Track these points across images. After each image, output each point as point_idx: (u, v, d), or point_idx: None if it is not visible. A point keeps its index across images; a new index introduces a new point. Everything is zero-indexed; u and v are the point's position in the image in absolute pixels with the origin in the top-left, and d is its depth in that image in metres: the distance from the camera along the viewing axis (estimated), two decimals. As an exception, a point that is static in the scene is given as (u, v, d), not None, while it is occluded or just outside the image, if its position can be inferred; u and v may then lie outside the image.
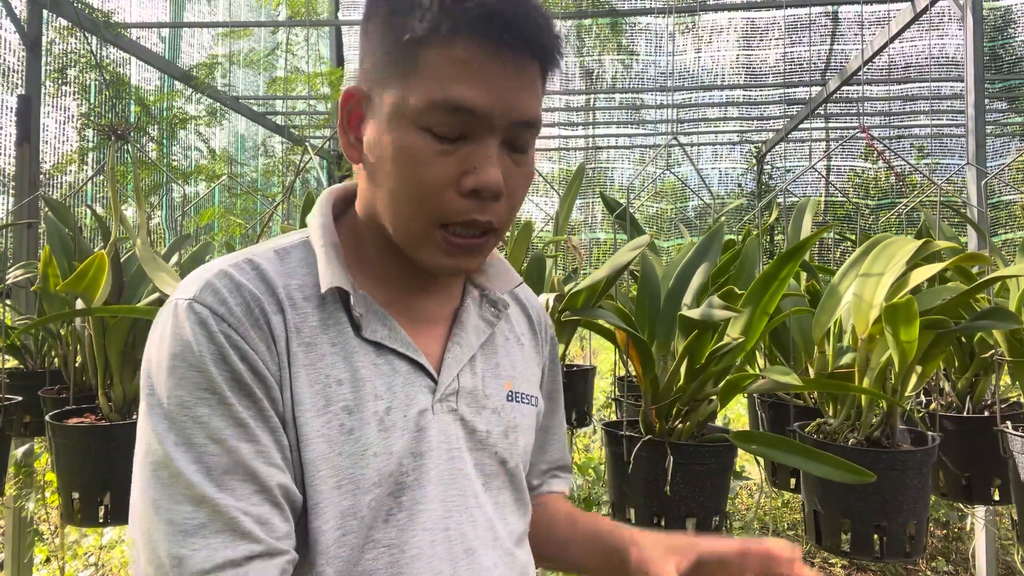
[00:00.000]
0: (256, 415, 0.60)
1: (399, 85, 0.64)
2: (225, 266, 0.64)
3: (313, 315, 0.66)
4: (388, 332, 0.69)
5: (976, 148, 2.39)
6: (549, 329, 0.91)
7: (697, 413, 1.43)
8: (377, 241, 0.72)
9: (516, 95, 0.63)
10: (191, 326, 0.60)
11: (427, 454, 0.67)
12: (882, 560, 1.37)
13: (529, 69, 0.64)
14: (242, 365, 0.60)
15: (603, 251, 7.57)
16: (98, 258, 1.57)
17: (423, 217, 0.64)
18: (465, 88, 0.61)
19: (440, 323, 0.75)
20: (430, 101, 0.62)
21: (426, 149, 0.62)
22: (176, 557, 0.55)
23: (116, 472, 1.61)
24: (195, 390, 0.59)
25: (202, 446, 0.58)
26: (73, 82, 3.73)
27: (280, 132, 5.46)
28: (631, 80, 6.32)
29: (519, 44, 0.62)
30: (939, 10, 5.29)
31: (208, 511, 0.56)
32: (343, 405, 0.64)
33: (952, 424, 1.81)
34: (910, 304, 1.26)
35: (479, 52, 0.61)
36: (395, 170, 0.64)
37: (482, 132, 0.63)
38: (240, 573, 0.56)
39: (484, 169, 0.62)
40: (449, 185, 0.63)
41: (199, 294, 0.61)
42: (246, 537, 0.57)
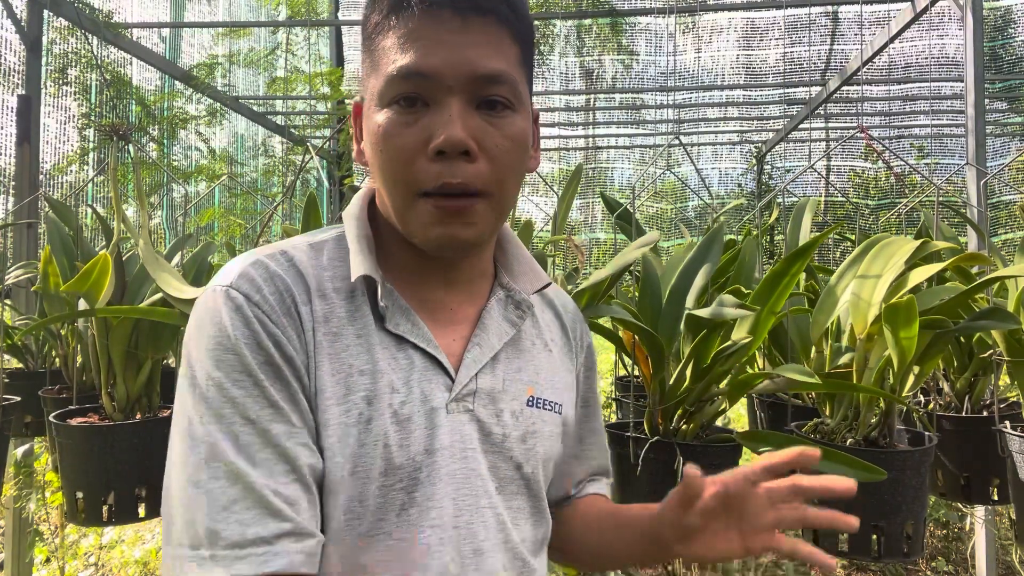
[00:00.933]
0: (288, 398, 0.63)
1: (371, 79, 0.69)
2: (261, 256, 0.68)
3: (341, 306, 0.68)
4: (411, 327, 0.70)
5: (976, 148, 2.39)
6: (585, 336, 0.90)
7: (702, 414, 1.43)
8: (398, 239, 0.73)
9: (465, 51, 0.65)
10: (227, 311, 0.63)
11: (439, 452, 0.68)
12: (880, 560, 1.38)
13: (479, 28, 0.66)
14: (275, 350, 0.63)
15: (603, 251, 7.57)
16: (102, 259, 1.57)
17: (403, 188, 0.67)
18: (412, 55, 0.64)
19: (463, 323, 0.75)
20: (387, 77, 0.66)
21: (393, 122, 0.66)
22: (211, 530, 0.58)
23: (120, 471, 1.61)
24: (231, 372, 0.61)
25: (237, 425, 0.60)
26: (74, 82, 3.74)
27: (280, 132, 5.46)
28: (631, 80, 6.32)
29: (461, 5, 0.65)
30: (939, 10, 5.29)
31: (241, 487, 0.58)
32: (363, 395, 0.66)
33: (951, 424, 1.81)
34: (911, 304, 1.27)
35: (422, 21, 0.65)
36: (375, 152, 0.68)
37: (440, 94, 0.65)
38: (269, 551, 0.58)
39: (443, 128, 0.64)
40: (419, 152, 0.65)
41: (236, 281, 0.64)
42: (276, 515, 0.59)
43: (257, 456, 0.60)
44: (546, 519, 0.79)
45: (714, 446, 1.39)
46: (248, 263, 0.66)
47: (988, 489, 1.78)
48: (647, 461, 1.38)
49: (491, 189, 0.67)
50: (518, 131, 0.68)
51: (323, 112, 5.05)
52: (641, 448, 1.38)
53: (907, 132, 6.96)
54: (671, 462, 1.35)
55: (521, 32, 0.70)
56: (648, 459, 1.38)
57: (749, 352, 1.41)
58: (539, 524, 0.77)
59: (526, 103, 0.71)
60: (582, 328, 0.89)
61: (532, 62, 0.74)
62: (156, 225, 4.52)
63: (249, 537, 0.57)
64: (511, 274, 0.80)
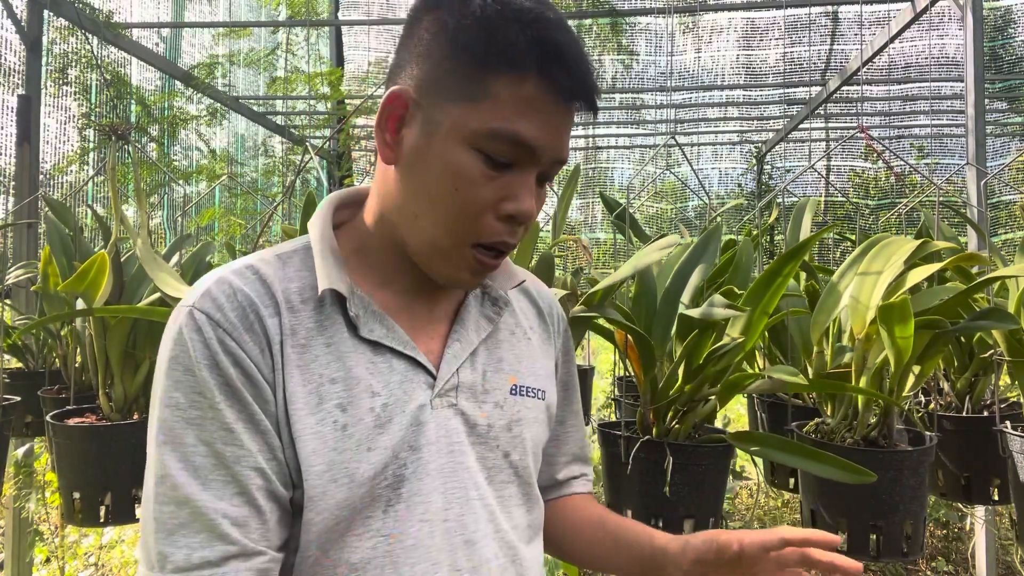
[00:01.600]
0: (245, 419, 0.64)
1: (462, 106, 0.66)
2: (226, 272, 0.68)
3: (310, 317, 0.69)
4: (385, 331, 0.71)
5: (976, 148, 2.39)
6: (562, 321, 0.92)
7: (694, 413, 1.43)
8: (383, 244, 0.74)
9: (563, 136, 0.69)
10: (188, 332, 0.64)
11: (425, 448, 0.69)
12: (879, 560, 1.37)
13: (572, 117, 0.70)
14: (233, 370, 0.64)
15: (603, 251, 7.57)
16: (99, 258, 1.57)
17: (459, 234, 0.68)
18: (528, 125, 0.66)
19: (442, 321, 0.77)
20: (493, 129, 0.65)
21: (476, 171, 0.66)
22: (160, 553, 0.60)
23: (117, 472, 1.61)
24: (189, 393, 0.63)
25: (190, 447, 0.62)
26: (74, 82, 3.74)
27: (280, 132, 5.46)
28: (631, 80, 6.31)
29: (576, 89, 0.67)
30: (939, 10, 5.28)
31: (189, 511, 0.60)
32: (336, 403, 0.66)
33: (951, 424, 1.81)
34: (904, 304, 1.26)
35: (545, 92, 0.66)
36: (440, 184, 0.67)
37: (528, 164, 0.68)
38: (217, 573, 0.60)
39: (524, 198, 0.68)
40: (489, 208, 0.68)
41: (199, 301, 0.65)
42: (223, 538, 0.60)
43: (208, 478, 0.61)
44: (538, 504, 0.81)
45: (705, 446, 1.39)
46: (213, 281, 0.67)
47: (988, 489, 1.78)
48: (638, 460, 1.38)
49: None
50: (544, 199, 0.75)
51: (323, 112, 5.05)
52: (632, 447, 1.38)
53: (907, 132, 6.96)
54: (662, 462, 1.35)
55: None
56: (639, 458, 1.38)
57: (743, 352, 1.41)
58: (531, 510, 0.80)
59: None
60: (559, 313, 0.92)
61: None
62: (156, 225, 4.52)
63: (195, 561, 0.59)
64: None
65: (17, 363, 2.43)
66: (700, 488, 1.36)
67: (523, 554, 0.76)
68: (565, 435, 0.94)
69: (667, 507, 1.36)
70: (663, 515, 1.37)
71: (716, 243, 1.58)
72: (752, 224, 3.05)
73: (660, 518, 1.37)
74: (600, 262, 7.08)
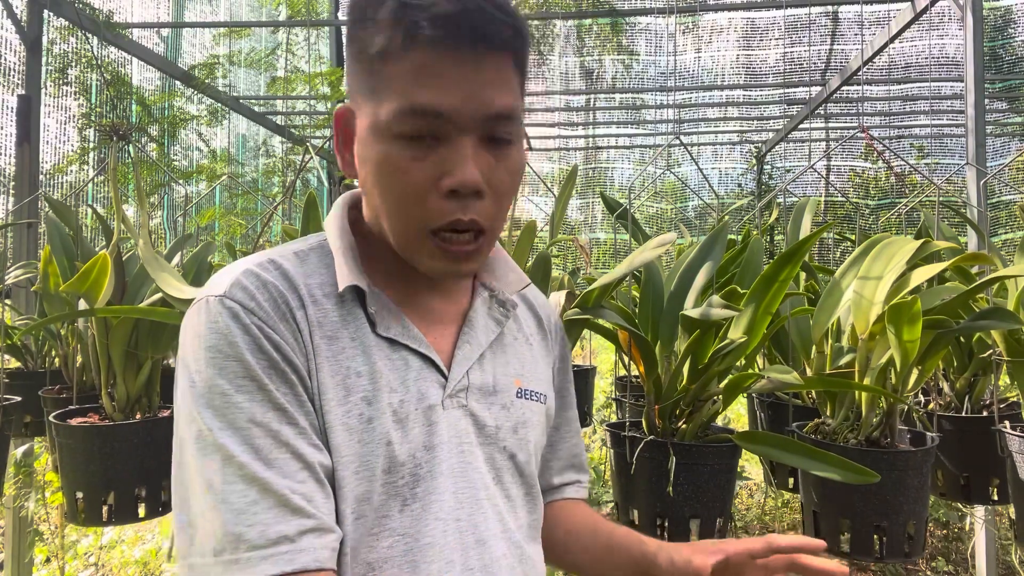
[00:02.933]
0: (293, 399, 0.64)
1: (371, 100, 0.67)
2: (250, 265, 0.68)
3: (333, 311, 0.70)
4: (402, 329, 0.72)
5: (976, 148, 2.39)
6: (559, 330, 0.94)
7: (700, 413, 1.43)
8: (385, 246, 0.75)
9: (480, 90, 0.64)
10: (225, 319, 0.63)
11: (439, 447, 0.70)
12: (882, 560, 1.38)
13: (491, 63, 0.65)
14: (276, 354, 0.64)
15: (603, 251, 7.57)
16: (101, 259, 1.57)
17: (412, 223, 0.67)
18: (427, 92, 0.63)
19: (451, 322, 0.78)
20: (397, 110, 0.64)
21: (402, 157, 0.65)
22: (232, 535, 0.58)
23: (120, 471, 1.61)
24: (235, 378, 0.62)
25: (247, 429, 0.61)
26: (74, 82, 3.73)
27: (280, 132, 5.46)
28: (631, 80, 6.32)
29: (475, 40, 0.63)
30: (939, 10, 5.29)
31: (259, 489, 0.59)
32: (362, 396, 0.67)
33: (951, 424, 1.81)
34: (914, 304, 1.27)
35: (436, 56, 0.63)
36: (379, 182, 0.67)
37: (454, 132, 0.65)
38: (294, 548, 0.58)
39: (459, 168, 0.64)
40: (429, 189, 0.65)
41: (229, 290, 0.65)
42: (297, 512, 0.59)
43: (270, 457, 0.60)
44: (539, 506, 0.83)
45: (710, 446, 1.39)
46: (239, 272, 0.67)
47: (988, 489, 1.78)
48: (643, 460, 1.38)
49: (494, 223, 0.69)
50: (517, 164, 0.70)
51: (323, 112, 5.05)
52: (636, 447, 1.38)
53: (907, 132, 6.96)
54: (667, 462, 1.35)
55: (523, 61, 0.71)
56: (644, 458, 1.38)
57: (746, 352, 1.41)
58: (533, 510, 0.81)
59: (521, 128, 0.72)
60: (556, 322, 0.93)
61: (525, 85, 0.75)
62: (156, 225, 4.52)
63: (272, 537, 0.58)
64: (493, 275, 0.83)
65: (17, 363, 2.43)
66: (706, 488, 1.36)
67: (529, 552, 0.77)
68: (560, 441, 0.95)
69: (673, 507, 1.36)
70: (669, 515, 1.37)
71: (723, 243, 1.58)
72: (752, 224, 3.05)
73: (666, 518, 1.38)
74: (600, 262, 7.09)
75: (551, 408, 0.86)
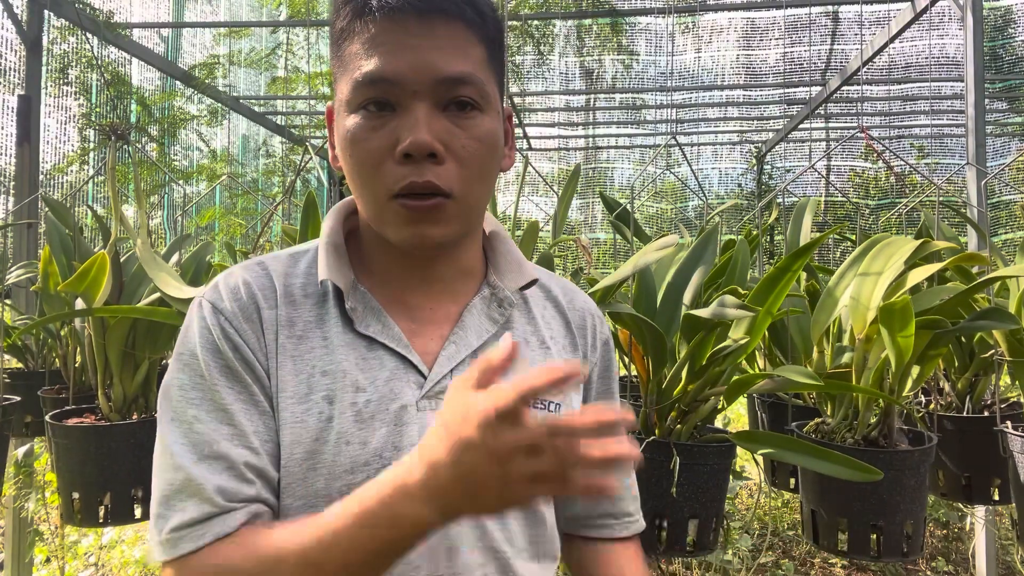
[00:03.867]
0: (244, 400, 0.68)
1: (340, 84, 0.70)
2: (237, 267, 0.74)
3: (310, 311, 0.72)
4: (380, 327, 0.72)
5: (976, 148, 2.39)
6: (599, 335, 0.86)
7: (697, 414, 1.43)
8: (376, 242, 0.75)
9: (429, 54, 0.66)
10: (196, 319, 0.70)
11: (407, 449, 0.68)
12: (879, 559, 1.37)
13: (444, 31, 0.66)
14: (233, 355, 0.68)
15: (603, 251, 7.57)
16: (99, 258, 1.57)
17: (375, 191, 0.68)
18: (376, 60, 0.66)
19: (444, 323, 0.75)
20: (353, 83, 0.67)
21: (361, 127, 0.67)
22: (160, 516, 0.66)
23: (116, 472, 1.61)
24: (192, 375, 0.68)
25: (189, 423, 0.66)
26: (74, 82, 3.74)
27: (280, 132, 5.47)
28: (631, 80, 6.31)
29: (423, 10, 0.65)
30: (939, 10, 5.28)
31: (183, 479, 0.65)
32: (324, 394, 0.68)
33: (952, 424, 1.81)
34: (906, 304, 1.26)
35: (385, 26, 0.66)
36: (346, 156, 0.70)
37: (406, 99, 0.66)
38: (202, 528, 0.64)
39: (410, 132, 0.65)
40: (387, 155, 0.67)
41: (208, 292, 0.71)
42: (208, 501, 0.64)
43: (202, 454, 0.65)
44: (544, 523, 0.77)
45: (710, 446, 1.39)
46: (224, 275, 0.73)
47: (989, 489, 1.78)
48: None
49: (458, 190, 0.68)
50: (486, 132, 0.69)
51: (323, 112, 5.05)
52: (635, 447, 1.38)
53: (907, 132, 6.96)
54: (667, 462, 1.34)
55: (487, 32, 0.70)
56: (643, 458, 1.37)
57: (746, 352, 1.41)
58: (533, 525, 0.76)
59: (495, 103, 0.71)
60: (596, 326, 0.86)
61: (502, 61, 0.74)
62: (156, 225, 4.52)
63: (185, 520, 0.64)
64: (498, 272, 0.79)
65: (17, 363, 2.43)
66: (704, 488, 1.36)
67: (519, 569, 0.73)
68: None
69: (672, 507, 1.36)
70: (668, 515, 1.37)
71: (715, 243, 1.58)
72: (752, 224, 3.05)
73: (665, 518, 1.37)
74: (600, 262, 7.08)
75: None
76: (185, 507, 0.64)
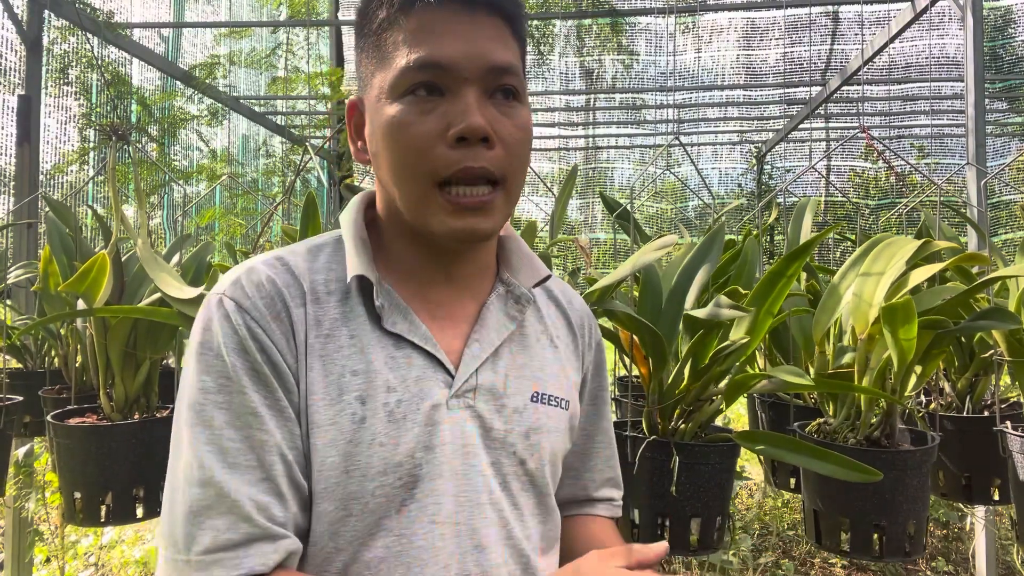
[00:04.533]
0: (271, 405, 0.65)
1: (378, 74, 0.70)
2: (256, 263, 0.70)
3: (335, 308, 0.70)
4: (408, 325, 0.71)
5: (976, 148, 2.39)
6: (594, 334, 0.89)
7: (700, 413, 1.43)
8: (400, 237, 0.74)
9: (480, 44, 0.67)
10: (218, 319, 0.66)
11: (439, 448, 0.68)
12: (881, 559, 1.37)
13: (488, 22, 0.68)
14: (260, 356, 0.65)
15: (603, 251, 7.57)
16: (100, 259, 1.57)
17: (420, 177, 0.67)
18: (427, 47, 0.66)
19: (464, 321, 0.75)
20: (402, 68, 0.66)
21: (410, 112, 0.66)
22: (188, 535, 0.61)
23: (118, 472, 1.61)
24: (218, 377, 0.64)
25: (218, 429, 0.63)
26: (74, 82, 3.74)
27: (281, 132, 5.47)
28: (631, 80, 6.31)
29: (469, 1, 0.67)
30: (939, 10, 5.29)
31: (214, 493, 0.61)
32: (356, 395, 0.67)
33: (952, 424, 1.81)
34: (908, 304, 1.26)
35: (434, 16, 0.67)
36: (388, 143, 0.68)
37: (457, 85, 0.66)
38: (241, 554, 0.60)
39: (464, 115, 0.65)
40: (438, 139, 0.66)
41: (228, 289, 0.68)
42: (247, 520, 0.61)
43: (234, 462, 0.62)
44: (553, 517, 0.79)
45: (712, 446, 1.39)
46: (243, 270, 0.69)
47: (989, 489, 1.78)
48: (644, 460, 1.37)
49: (506, 176, 0.69)
50: (526, 121, 0.71)
51: (323, 112, 5.05)
52: (638, 447, 1.38)
53: (907, 132, 6.96)
54: (669, 461, 1.34)
55: (520, 31, 0.72)
56: (645, 458, 1.37)
57: (747, 352, 1.41)
58: (546, 520, 0.77)
59: (527, 98, 0.73)
60: (591, 325, 0.89)
61: (526, 61, 0.76)
62: (156, 225, 4.52)
63: (221, 542, 0.60)
64: (511, 269, 0.80)
65: (17, 363, 2.43)
66: (707, 487, 1.36)
67: (536, 564, 0.74)
68: (593, 450, 0.90)
69: (674, 507, 1.36)
70: (670, 515, 1.37)
71: (720, 243, 1.58)
72: (752, 224, 3.05)
73: (667, 517, 1.37)
74: (600, 262, 7.08)
75: (575, 415, 0.82)
76: (218, 525, 0.60)
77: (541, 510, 0.77)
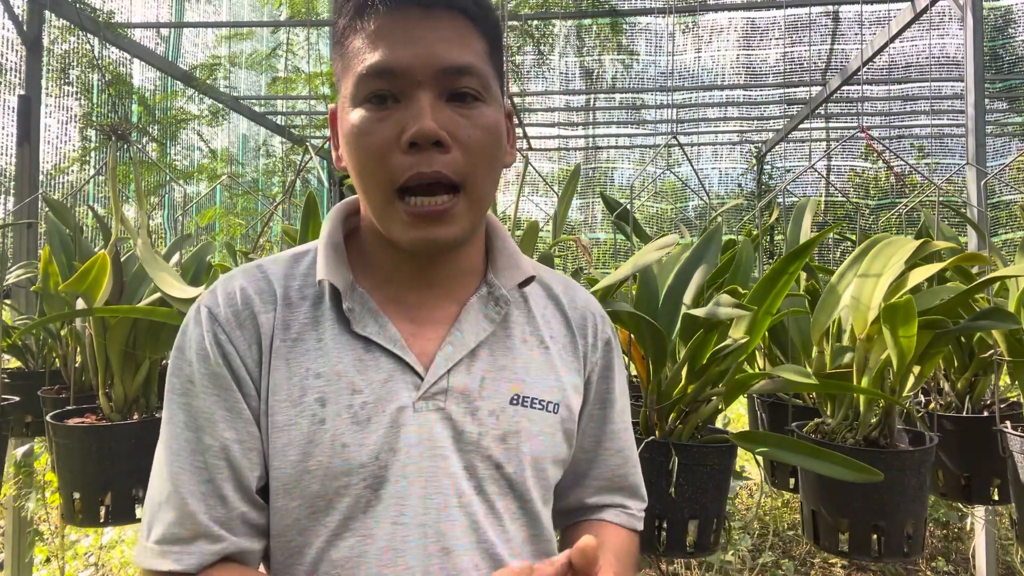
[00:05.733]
0: (226, 408, 0.68)
1: (344, 81, 0.71)
2: (237, 272, 0.74)
3: (306, 313, 0.72)
4: (378, 328, 0.71)
5: (976, 148, 2.39)
6: (600, 333, 0.84)
7: (697, 414, 1.43)
8: (377, 242, 0.75)
9: (433, 45, 0.66)
10: (192, 324, 0.71)
11: (404, 450, 0.68)
12: (880, 560, 1.37)
13: (446, 23, 0.67)
14: (222, 361, 0.69)
15: (603, 251, 7.57)
16: (100, 259, 1.57)
17: (379, 185, 0.67)
18: (379, 52, 0.66)
19: (442, 323, 0.74)
20: (357, 76, 0.67)
21: (368, 119, 0.67)
22: (148, 523, 0.68)
23: (117, 472, 1.61)
24: (183, 380, 0.69)
25: (178, 428, 0.68)
26: (74, 82, 3.74)
27: (281, 132, 5.47)
28: (631, 80, 6.31)
29: (426, 1, 0.66)
30: (939, 10, 5.28)
31: (170, 489, 0.67)
32: (316, 397, 0.68)
33: (951, 424, 1.81)
34: (909, 304, 1.26)
35: (388, 20, 0.66)
36: (350, 151, 0.69)
37: (410, 90, 0.66)
38: (186, 549, 0.66)
39: (415, 120, 0.65)
40: (392, 146, 0.66)
41: (207, 297, 0.72)
42: (190, 518, 0.66)
43: (184, 461, 0.67)
44: (540, 523, 0.76)
45: (711, 446, 1.38)
46: (224, 279, 0.73)
47: (989, 489, 1.78)
48: (642, 461, 1.37)
49: (466, 180, 0.67)
50: (490, 122, 0.69)
51: (323, 112, 5.05)
52: (637, 448, 1.37)
53: (907, 132, 6.96)
54: (667, 462, 1.34)
55: (487, 28, 0.71)
56: (643, 459, 1.37)
57: (746, 352, 1.41)
58: (532, 525, 0.75)
59: (497, 97, 0.71)
60: (596, 324, 0.84)
61: (501, 58, 0.74)
62: (157, 225, 4.52)
63: (168, 536, 0.66)
64: (495, 269, 0.78)
65: (17, 363, 2.43)
66: (705, 489, 1.36)
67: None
68: (599, 457, 0.85)
69: (672, 508, 1.36)
70: (668, 516, 1.36)
71: (717, 243, 1.58)
72: (752, 224, 3.05)
73: (665, 519, 1.37)
74: (600, 262, 7.08)
75: (571, 419, 0.78)
76: (169, 519, 0.66)
77: (524, 515, 0.74)
